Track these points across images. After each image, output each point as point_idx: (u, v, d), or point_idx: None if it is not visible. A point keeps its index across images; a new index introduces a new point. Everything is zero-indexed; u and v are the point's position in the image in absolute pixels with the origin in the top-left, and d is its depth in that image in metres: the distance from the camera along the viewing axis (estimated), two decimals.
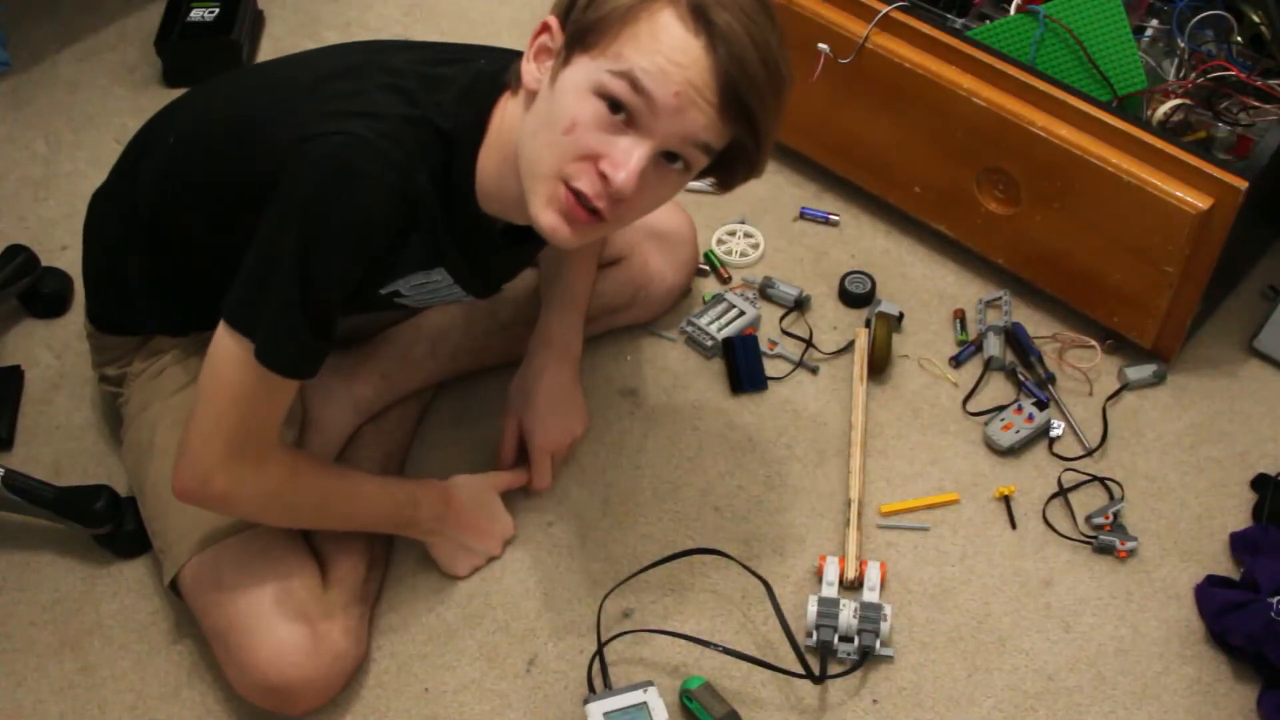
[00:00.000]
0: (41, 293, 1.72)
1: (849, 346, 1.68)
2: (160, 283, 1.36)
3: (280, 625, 1.28)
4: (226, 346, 1.17)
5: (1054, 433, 1.57)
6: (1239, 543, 1.47)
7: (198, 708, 1.37)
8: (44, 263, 1.74)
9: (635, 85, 1.06)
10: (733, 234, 1.79)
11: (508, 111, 1.20)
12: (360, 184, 1.12)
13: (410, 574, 1.45)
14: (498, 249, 1.30)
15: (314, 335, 1.17)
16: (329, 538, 1.40)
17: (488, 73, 1.22)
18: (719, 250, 1.77)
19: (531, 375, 1.48)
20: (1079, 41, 1.54)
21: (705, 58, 1.06)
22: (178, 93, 1.99)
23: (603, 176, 1.09)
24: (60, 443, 1.59)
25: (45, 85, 2.06)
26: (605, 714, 1.30)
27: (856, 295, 1.72)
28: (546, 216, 1.13)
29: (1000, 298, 1.71)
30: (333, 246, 1.13)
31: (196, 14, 2.05)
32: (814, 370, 1.66)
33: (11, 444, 1.59)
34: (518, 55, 1.20)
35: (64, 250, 1.80)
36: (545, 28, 1.14)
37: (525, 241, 1.29)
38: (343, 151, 1.12)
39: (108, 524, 1.44)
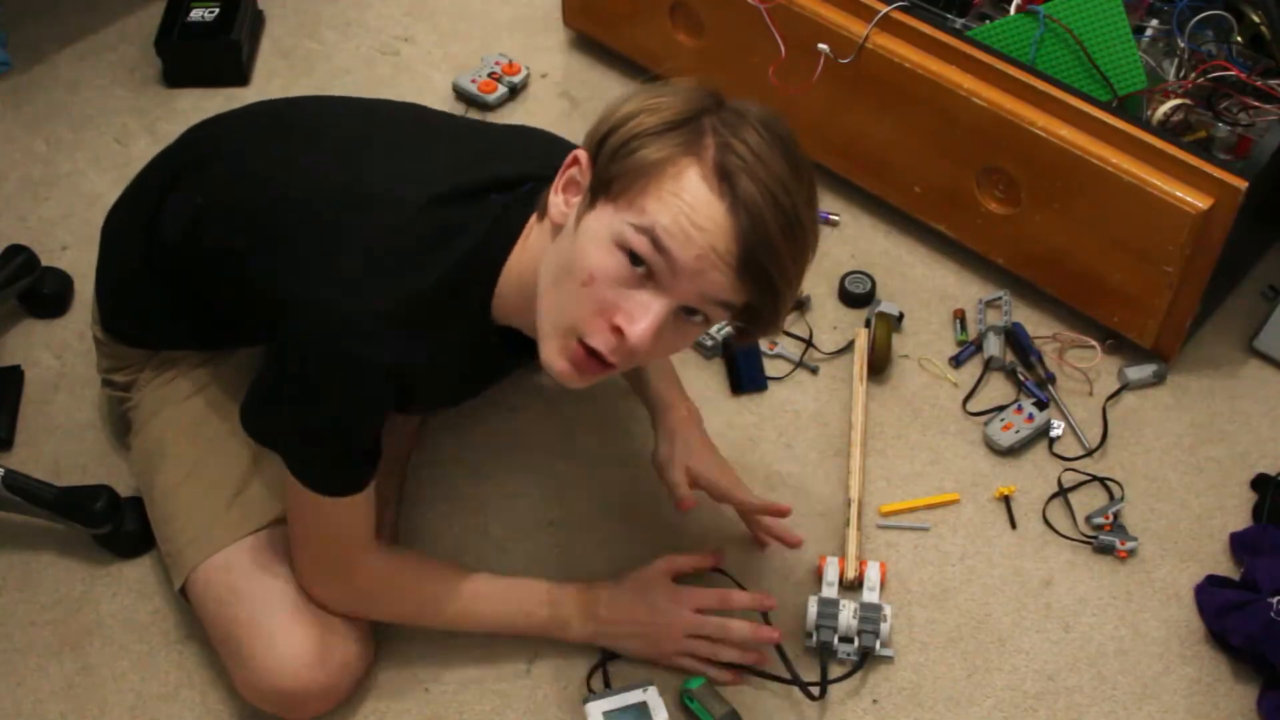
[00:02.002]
0: (41, 293, 1.72)
1: (849, 346, 1.68)
2: (180, 307, 1.37)
3: (292, 630, 1.28)
4: (286, 472, 1.22)
5: (1054, 433, 1.57)
6: (1239, 543, 1.47)
7: (197, 708, 1.37)
8: (44, 263, 1.74)
9: (657, 243, 1.05)
10: None
11: (532, 238, 1.19)
12: (350, 373, 1.14)
13: None
14: (502, 370, 1.37)
15: (347, 459, 1.21)
16: None
17: (504, 218, 1.20)
18: None
19: (683, 431, 1.42)
20: (1079, 41, 1.54)
21: (727, 221, 1.05)
22: (178, 93, 2.03)
23: (617, 330, 1.08)
24: (60, 443, 1.59)
25: (45, 85, 2.06)
26: (605, 714, 1.30)
27: (856, 295, 1.72)
28: (558, 363, 1.13)
29: (1000, 298, 1.71)
30: (339, 414, 1.17)
31: (196, 14, 2.05)
32: (814, 370, 1.66)
33: (11, 444, 1.59)
34: (541, 180, 1.20)
35: (64, 250, 1.80)
36: (575, 161, 1.12)
37: (523, 353, 1.25)
38: (336, 337, 1.13)
39: (108, 524, 1.44)
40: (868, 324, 1.68)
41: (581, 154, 1.12)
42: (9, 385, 1.63)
